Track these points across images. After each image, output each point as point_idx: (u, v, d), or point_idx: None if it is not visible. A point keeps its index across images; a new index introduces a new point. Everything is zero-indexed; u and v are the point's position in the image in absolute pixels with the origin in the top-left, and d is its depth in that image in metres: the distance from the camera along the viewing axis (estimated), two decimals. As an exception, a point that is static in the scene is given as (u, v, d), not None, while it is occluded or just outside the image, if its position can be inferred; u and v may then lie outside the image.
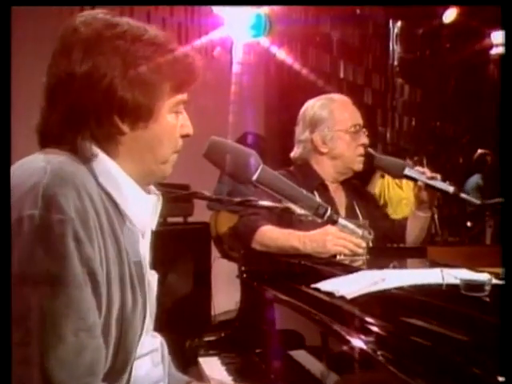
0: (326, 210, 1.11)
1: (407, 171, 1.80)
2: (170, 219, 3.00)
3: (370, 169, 1.97)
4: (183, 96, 0.98)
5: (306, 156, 1.96)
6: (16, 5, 0.89)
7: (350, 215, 1.92)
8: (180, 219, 3.14)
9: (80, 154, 0.90)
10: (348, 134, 1.91)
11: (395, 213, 4.00)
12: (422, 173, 1.80)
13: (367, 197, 2.10)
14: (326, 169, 1.94)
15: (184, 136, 1.00)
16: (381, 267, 1.21)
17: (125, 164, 0.95)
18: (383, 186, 4.33)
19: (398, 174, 1.85)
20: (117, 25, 0.92)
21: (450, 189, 1.76)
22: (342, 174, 1.96)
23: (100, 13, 0.94)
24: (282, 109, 4.45)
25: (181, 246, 2.95)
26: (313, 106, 1.93)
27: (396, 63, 5.88)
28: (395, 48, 5.87)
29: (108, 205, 0.90)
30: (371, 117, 5.54)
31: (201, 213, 3.25)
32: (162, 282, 1.12)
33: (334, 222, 1.14)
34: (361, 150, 1.93)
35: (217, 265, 3.34)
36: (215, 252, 3.43)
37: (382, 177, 4.27)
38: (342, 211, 1.93)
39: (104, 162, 0.92)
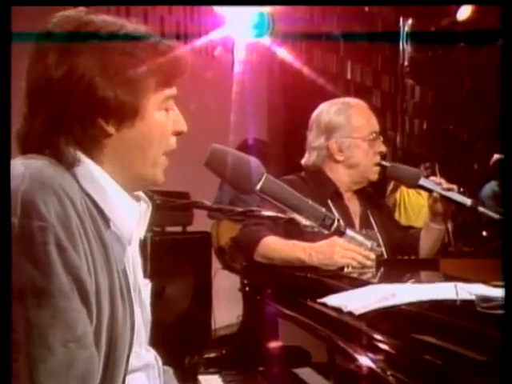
0: (333, 221, 1.11)
1: (422, 181, 1.81)
2: (169, 228, 3.01)
3: (385, 178, 1.97)
4: (171, 91, 0.98)
5: (319, 163, 1.96)
6: (16, 5, 0.90)
7: (364, 225, 1.93)
8: (179, 228, 3.14)
9: (63, 159, 0.90)
10: (366, 141, 1.91)
11: (417, 221, 3.97)
12: (437, 183, 1.80)
13: (381, 206, 2.11)
14: (341, 177, 1.95)
15: (177, 133, 1.01)
16: (391, 281, 1.21)
17: (112, 168, 0.95)
18: (402, 194, 4.32)
19: (413, 184, 1.85)
20: (90, 23, 0.92)
21: (468, 201, 1.76)
22: (356, 183, 1.97)
23: (73, 11, 0.95)
24: (285, 112, 4.46)
25: (180, 257, 2.95)
26: (328, 112, 1.93)
27: (406, 63, 5.87)
28: (405, 47, 5.87)
29: (93, 210, 0.91)
30: (380, 120, 5.53)
31: (201, 221, 3.26)
32: (159, 295, 1.12)
33: (341, 234, 1.15)
34: (377, 159, 1.93)
35: (218, 277, 3.33)
36: (216, 263, 3.43)
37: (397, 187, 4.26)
38: (356, 220, 1.94)
39: (87, 165, 0.93)
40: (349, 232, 1.14)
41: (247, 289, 1.74)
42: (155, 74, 0.94)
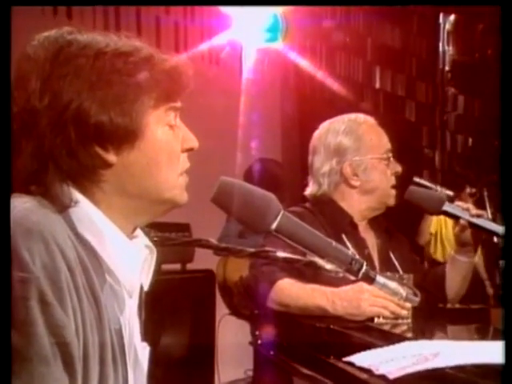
0: (361, 266, 1.11)
1: (447, 207, 1.84)
2: (165, 266, 3.01)
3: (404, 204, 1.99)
4: (175, 104, 1.01)
5: (330, 191, 1.99)
6: (16, 5, 0.96)
7: (385, 260, 1.95)
8: (177, 266, 3.15)
9: (56, 199, 0.92)
10: (382, 162, 1.96)
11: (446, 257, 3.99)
12: (465, 209, 1.84)
13: (398, 237, 2.12)
14: (356, 205, 1.98)
15: (188, 150, 1.03)
16: (432, 336, 1.21)
17: (119, 203, 0.97)
18: (439, 224, 4.32)
19: (436, 210, 1.88)
20: (73, 41, 0.95)
21: (500, 229, 1.78)
22: (373, 211, 2.00)
23: (55, 31, 0.98)
24: (302, 128, 4.46)
25: (178, 301, 2.95)
26: (336, 132, 1.97)
27: (447, 68, 5.87)
28: (446, 49, 5.87)
29: (86, 260, 0.92)
30: (415, 136, 5.52)
31: (203, 258, 3.26)
32: (153, 347, 1.12)
33: (370, 280, 1.14)
34: (393, 181, 1.98)
35: (223, 324, 3.32)
36: (221, 307, 3.43)
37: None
38: (375, 255, 1.96)
39: (84, 206, 0.94)
40: (379, 278, 1.14)
41: (259, 341, 1.74)
42: (152, 89, 0.97)
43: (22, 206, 0.88)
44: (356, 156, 1.95)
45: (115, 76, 0.94)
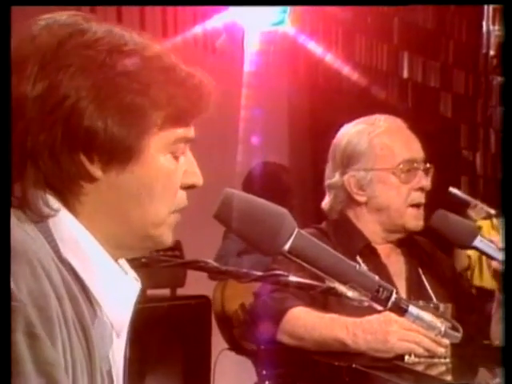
0: (391, 294, 1.13)
1: (478, 242, 1.81)
2: (151, 292, 3.02)
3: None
4: (186, 131, 1.02)
5: (339, 208, 2.01)
6: (16, 5, 1.02)
7: (415, 289, 1.95)
8: (166, 292, 3.17)
9: (32, 207, 0.94)
10: (395, 175, 1.96)
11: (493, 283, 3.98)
12: (500, 249, 1.79)
13: (442, 262, 2.12)
14: (370, 225, 1.99)
15: (188, 187, 1.04)
16: (475, 380, 1.21)
17: (98, 226, 0.99)
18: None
19: (464, 244, 1.87)
20: (87, 31, 0.98)
21: None
22: (391, 233, 2.01)
23: (68, 15, 1.00)
24: (314, 127, 4.46)
25: (166, 334, 2.96)
26: (347, 135, 1.99)
27: (492, 52, 5.83)
28: (492, 29, 5.81)
29: (73, 287, 0.94)
30: (452, 135, 5.49)
31: (196, 282, 3.27)
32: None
33: (401, 312, 1.16)
34: (418, 198, 1.97)
35: (222, 361, 3.31)
36: (219, 341, 3.43)
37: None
38: (401, 285, 1.96)
39: (67, 223, 0.97)
40: (412, 309, 1.15)
41: (266, 383, 1.76)
42: (164, 106, 0.98)
43: None
44: (361, 166, 1.96)
45: (125, 80, 0.96)
